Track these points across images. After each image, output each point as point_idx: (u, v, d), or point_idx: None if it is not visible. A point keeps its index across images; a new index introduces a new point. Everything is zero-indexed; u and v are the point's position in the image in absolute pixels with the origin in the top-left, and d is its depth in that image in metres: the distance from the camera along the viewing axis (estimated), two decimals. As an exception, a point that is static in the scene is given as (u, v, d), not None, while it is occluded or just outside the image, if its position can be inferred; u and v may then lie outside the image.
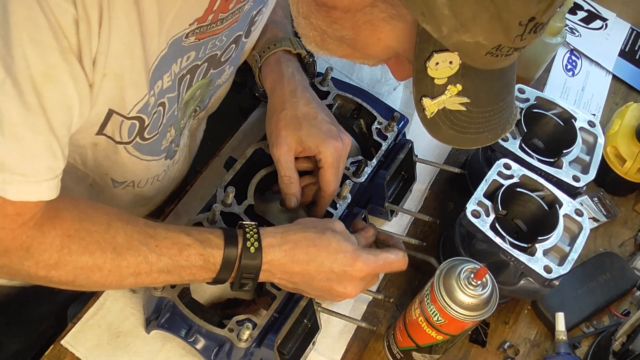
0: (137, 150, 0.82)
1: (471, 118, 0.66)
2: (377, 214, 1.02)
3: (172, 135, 0.88)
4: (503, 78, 0.66)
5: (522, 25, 0.57)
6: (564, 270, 0.89)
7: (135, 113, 0.75)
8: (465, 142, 0.69)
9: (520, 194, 0.96)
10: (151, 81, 0.73)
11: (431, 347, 0.88)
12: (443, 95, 0.64)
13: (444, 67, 0.62)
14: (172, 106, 0.82)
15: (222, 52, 0.84)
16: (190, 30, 0.73)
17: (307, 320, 0.88)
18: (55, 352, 0.85)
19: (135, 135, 0.79)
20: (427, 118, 0.66)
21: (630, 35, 1.47)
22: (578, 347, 1.02)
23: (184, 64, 0.78)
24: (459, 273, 0.80)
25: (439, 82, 0.63)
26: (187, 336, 0.83)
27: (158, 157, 0.89)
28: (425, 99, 0.64)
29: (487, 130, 0.68)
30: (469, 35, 0.58)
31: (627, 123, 1.18)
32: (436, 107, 0.65)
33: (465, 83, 0.63)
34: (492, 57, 0.60)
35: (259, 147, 0.95)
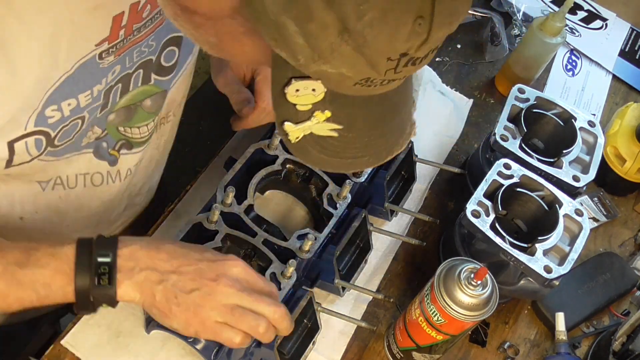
0: (50, 156, 0.77)
1: (346, 144, 0.59)
2: (377, 214, 1.02)
3: (97, 134, 0.82)
4: (385, 102, 0.58)
5: (392, 60, 0.51)
6: (564, 270, 0.89)
7: (32, 127, 0.70)
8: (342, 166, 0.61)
9: (520, 194, 0.96)
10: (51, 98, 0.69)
11: (431, 347, 0.88)
12: (309, 121, 0.56)
13: (307, 94, 0.55)
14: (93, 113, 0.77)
15: (157, 56, 0.80)
16: (102, 51, 0.70)
17: (307, 320, 0.88)
18: (55, 352, 0.85)
19: (45, 147, 0.74)
20: (290, 142, 0.58)
21: (630, 35, 1.47)
22: (578, 347, 1.02)
23: (110, 78, 0.75)
24: (459, 273, 0.80)
25: (303, 108, 0.56)
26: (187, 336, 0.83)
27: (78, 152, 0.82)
28: (288, 123, 0.57)
29: (367, 155, 0.61)
30: (329, 66, 0.51)
31: (627, 123, 1.18)
32: (301, 132, 0.57)
33: (335, 109, 0.56)
34: (364, 87, 0.53)
35: (259, 147, 0.95)
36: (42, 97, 0.68)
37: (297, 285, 0.88)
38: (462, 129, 1.22)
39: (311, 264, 0.90)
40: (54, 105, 0.70)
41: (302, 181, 0.98)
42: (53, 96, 0.69)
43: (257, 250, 0.88)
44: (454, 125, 1.22)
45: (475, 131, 1.23)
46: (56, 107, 0.70)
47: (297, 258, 0.87)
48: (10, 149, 0.70)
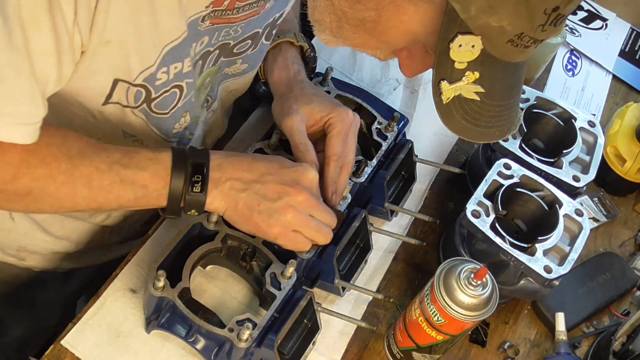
0: (144, 115, 0.82)
1: (483, 109, 0.67)
2: (377, 214, 1.02)
3: (187, 122, 0.88)
4: (516, 73, 0.67)
5: (546, 14, 0.58)
6: (564, 270, 0.89)
7: (140, 81, 0.75)
8: (475, 135, 0.69)
9: (520, 194, 0.96)
10: (166, 57, 0.73)
11: (431, 347, 0.88)
12: (461, 81, 0.64)
13: (466, 51, 0.62)
14: (189, 91, 0.82)
15: (236, 43, 0.83)
16: (205, 14, 0.73)
17: (307, 320, 0.88)
18: (55, 352, 0.85)
19: (142, 102, 0.79)
20: (442, 103, 0.66)
21: (630, 35, 1.47)
22: (578, 347, 1.02)
23: (198, 48, 0.78)
24: (459, 273, 0.80)
25: (459, 66, 0.63)
26: (187, 336, 0.83)
27: (167, 138, 0.88)
28: (444, 82, 0.65)
29: (495, 126, 0.69)
30: (495, 19, 0.58)
31: (627, 123, 1.18)
32: (452, 93, 0.65)
33: (483, 71, 0.64)
34: (512, 45, 0.61)
35: (259, 147, 0.95)
36: (158, 54, 0.72)
37: (297, 285, 0.88)
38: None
39: (311, 264, 0.90)
40: (165, 67, 0.74)
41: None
42: (167, 57, 0.73)
43: (257, 250, 0.88)
44: (454, 125, 1.22)
45: (475, 131, 1.22)
46: (166, 69, 0.75)
47: (297, 258, 0.87)
48: (113, 85, 0.74)
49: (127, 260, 0.93)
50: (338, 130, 0.89)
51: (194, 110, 0.88)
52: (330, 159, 0.89)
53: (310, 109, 0.90)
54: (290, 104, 0.91)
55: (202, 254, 0.87)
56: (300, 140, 0.89)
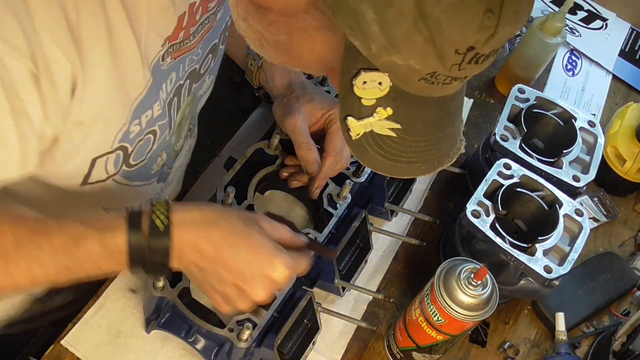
0: (125, 179, 0.81)
1: (403, 146, 0.61)
2: (377, 214, 1.02)
3: (164, 160, 0.88)
4: (443, 107, 0.61)
5: (459, 54, 0.53)
6: (564, 270, 0.89)
7: (117, 144, 0.73)
8: (395, 170, 0.63)
9: (520, 194, 0.96)
10: (136, 111, 0.72)
11: (431, 347, 0.88)
12: (371, 117, 0.59)
13: (373, 87, 0.57)
14: (163, 132, 0.81)
15: (201, 65, 0.84)
16: (164, 51, 0.72)
17: (307, 320, 0.88)
18: (55, 352, 0.85)
19: (121, 165, 0.78)
20: (351, 139, 0.61)
21: (630, 35, 1.47)
22: (578, 347, 1.02)
23: (169, 87, 0.77)
24: (459, 273, 0.80)
25: (367, 102, 0.58)
26: (187, 336, 0.83)
27: (149, 182, 0.88)
28: (351, 118, 0.60)
29: (421, 161, 0.63)
30: (400, 57, 0.53)
31: (627, 123, 1.18)
32: (362, 129, 0.60)
33: (396, 107, 0.59)
34: (427, 83, 0.56)
35: (259, 147, 0.95)
36: (129, 111, 0.71)
37: (297, 285, 0.88)
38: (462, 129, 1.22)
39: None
40: (136, 119, 0.73)
41: (302, 181, 0.98)
42: (138, 109, 0.72)
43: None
44: (454, 125, 1.22)
45: (475, 131, 1.23)
46: (138, 120, 0.73)
47: None
48: (91, 165, 0.72)
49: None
50: (338, 127, 0.88)
51: (170, 147, 0.87)
52: (328, 154, 0.89)
53: (312, 107, 0.91)
54: (291, 104, 0.91)
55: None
56: (303, 139, 0.88)
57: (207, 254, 0.70)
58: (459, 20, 0.51)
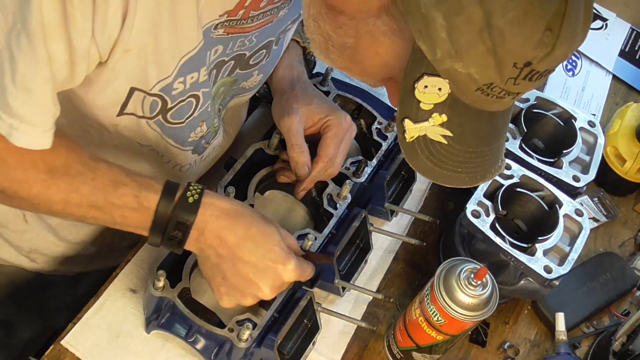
0: (159, 127, 0.81)
1: (451, 154, 0.64)
2: (377, 214, 1.02)
3: (203, 132, 0.88)
4: (492, 122, 0.64)
5: (516, 68, 0.56)
6: (564, 270, 0.89)
7: (157, 91, 0.74)
8: (440, 177, 0.66)
9: (520, 194, 0.96)
10: (183, 68, 0.73)
11: (431, 347, 0.88)
12: (426, 122, 0.62)
13: (432, 92, 0.60)
14: (206, 101, 0.82)
15: (251, 55, 0.83)
16: (219, 22, 0.72)
17: (307, 320, 0.88)
18: (55, 352, 0.85)
19: (158, 112, 0.78)
20: (405, 141, 0.64)
21: (630, 35, 1.47)
22: (578, 347, 1.02)
23: (212, 57, 0.77)
24: (459, 273, 0.80)
25: (425, 107, 0.62)
26: (187, 336, 0.83)
27: (183, 147, 0.88)
28: (408, 120, 0.63)
29: (465, 172, 0.66)
30: (461, 65, 0.57)
31: (627, 123, 1.18)
32: (417, 132, 0.63)
33: (451, 115, 0.62)
34: (483, 94, 0.59)
35: (259, 147, 0.95)
36: (176, 65, 0.72)
37: (297, 285, 0.88)
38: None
39: (311, 264, 0.90)
40: (182, 77, 0.74)
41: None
42: (184, 68, 0.73)
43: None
44: (454, 125, 1.22)
45: (475, 131, 1.22)
46: (182, 79, 0.74)
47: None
48: (129, 93, 0.73)
49: (127, 260, 0.93)
50: (334, 133, 0.90)
51: (210, 119, 0.87)
52: (320, 159, 0.91)
53: (310, 109, 0.91)
54: (290, 103, 0.91)
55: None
56: (296, 141, 0.89)
57: (228, 242, 0.75)
58: (520, 34, 0.54)
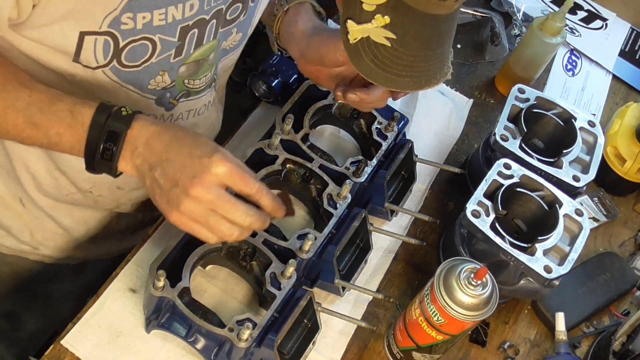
0: (115, 75, 0.80)
1: (395, 57, 0.66)
2: (377, 214, 1.02)
3: (166, 83, 0.85)
4: (436, 26, 0.66)
5: None
6: (564, 270, 0.89)
7: (105, 27, 0.73)
8: (384, 80, 0.68)
9: (520, 194, 0.96)
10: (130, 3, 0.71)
11: (431, 347, 0.88)
12: (369, 23, 0.64)
13: None
14: (166, 50, 0.79)
15: (227, 8, 0.82)
16: None
17: (307, 320, 0.88)
18: (55, 352, 0.85)
19: (112, 56, 0.76)
20: (349, 43, 0.66)
21: (630, 35, 1.47)
22: (578, 347, 1.02)
23: (187, 13, 0.76)
24: (459, 273, 0.80)
25: (368, 7, 0.63)
26: (187, 336, 0.83)
27: (142, 93, 0.85)
28: (351, 21, 0.65)
29: (409, 76, 0.68)
30: None
31: (627, 123, 1.18)
32: (360, 34, 0.65)
33: (394, 17, 0.64)
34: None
35: (259, 147, 0.95)
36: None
37: (297, 285, 0.88)
38: (462, 129, 1.22)
39: (311, 264, 0.90)
40: (130, 13, 0.72)
41: (302, 181, 0.98)
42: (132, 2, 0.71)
43: (257, 250, 0.88)
44: (454, 125, 1.22)
45: (475, 131, 1.23)
46: (132, 15, 0.73)
47: (297, 258, 0.87)
48: (79, 41, 0.73)
49: (127, 260, 0.93)
50: None
51: (174, 72, 0.85)
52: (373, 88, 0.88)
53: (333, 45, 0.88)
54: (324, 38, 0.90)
55: (202, 253, 0.87)
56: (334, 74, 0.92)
57: (156, 148, 0.73)
58: None
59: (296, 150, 0.97)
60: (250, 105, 1.14)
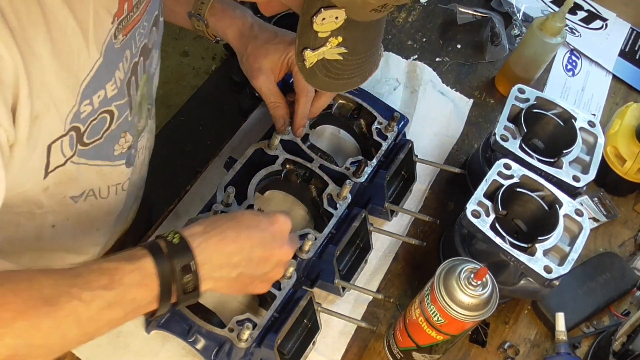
0: (81, 158, 0.78)
1: (346, 66, 0.71)
2: (377, 214, 1.02)
3: (130, 141, 0.85)
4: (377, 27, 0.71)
5: None
6: (564, 270, 0.89)
7: (69, 126, 0.72)
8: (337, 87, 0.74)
9: (520, 194, 0.96)
10: (85, 91, 0.71)
11: (431, 347, 0.88)
12: (324, 47, 0.68)
13: (330, 22, 0.66)
14: (123, 113, 0.80)
15: (149, 39, 0.83)
16: (114, 29, 0.72)
17: (307, 320, 0.88)
18: (55, 352, 0.85)
19: (75, 145, 0.75)
20: (305, 68, 0.70)
21: (630, 35, 1.47)
22: (578, 347, 1.02)
23: (126, 66, 0.77)
24: (459, 273, 0.80)
25: (322, 35, 0.67)
26: (187, 336, 0.83)
27: (112, 163, 0.85)
28: (307, 51, 0.69)
29: (357, 75, 0.74)
30: None
31: (627, 123, 1.18)
32: (316, 58, 0.69)
33: (346, 35, 0.68)
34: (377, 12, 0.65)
35: (259, 147, 0.96)
36: (77, 93, 0.70)
37: (297, 285, 0.88)
38: (462, 129, 1.22)
39: (311, 264, 0.90)
40: (87, 99, 0.72)
41: (302, 181, 0.98)
42: (86, 90, 0.71)
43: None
44: (454, 125, 1.22)
45: (475, 131, 1.23)
46: (88, 101, 0.73)
47: (297, 258, 0.87)
48: (48, 152, 0.71)
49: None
50: None
51: (134, 127, 0.85)
52: (300, 95, 0.95)
53: (270, 60, 0.94)
54: (250, 64, 0.95)
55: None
56: (269, 99, 0.95)
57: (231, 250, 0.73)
58: None
59: (296, 150, 0.97)
60: (250, 105, 1.14)
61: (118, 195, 0.91)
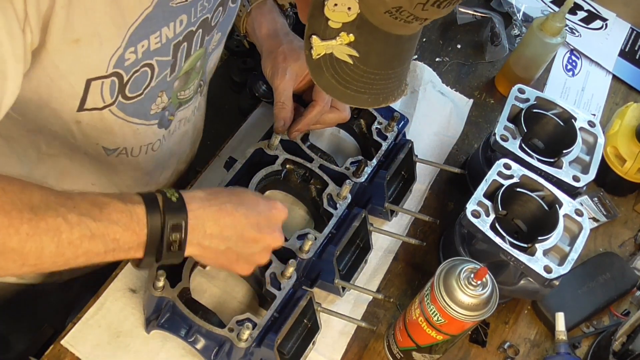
0: (121, 111, 0.79)
1: (355, 74, 0.67)
2: (377, 214, 1.02)
3: (164, 102, 0.86)
4: (399, 46, 0.67)
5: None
6: (564, 270, 0.89)
7: (112, 69, 0.72)
8: (343, 96, 0.69)
9: (520, 194, 0.96)
10: (132, 37, 0.71)
11: (431, 347, 0.88)
12: (334, 40, 0.65)
13: (342, 11, 0.63)
14: (163, 71, 0.80)
15: (212, 15, 0.83)
16: None
17: (307, 320, 0.88)
18: (55, 352, 0.85)
19: (117, 94, 0.76)
20: (311, 58, 0.67)
21: (630, 35, 1.47)
22: (578, 347, 1.02)
23: (178, 29, 0.77)
24: (459, 273, 0.80)
25: (333, 25, 0.64)
26: (187, 336, 0.83)
27: (147, 122, 0.86)
28: (315, 37, 0.66)
29: (368, 93, 0.69)
30: None
31: (627, 123, 1.18)
32: (324, 50, 0.66)
33: (358, 35, 0.64)
34: (391, 17, 0.62)
35: (259, 147, 0.95)
36: (124, 35, 0.70)
37: (297, 285, 0.88)
38: (462, 129, 1.22)
39: (311, 264, 0.90)
40: (132, 47, 0.72)
41: (302, 181, 0.98)
42: (133, 36, 0.71)
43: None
44: (454, 125, 1.22)
45: (475, 131, 1.23)
46: (133, 49, 0.73)
47: (297, 258, 0.87)
48: (86, 87, 0.72)
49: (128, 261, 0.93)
50: None
51: (170, 90, 0.85)
52: (317, 103, 0.94)
53: (299, 65, 0.94)
54: (279, 62, 0.94)
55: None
56: (280, 98, 0.94)
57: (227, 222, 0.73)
58: None
59: (296, 150, 0.97)
60: (250, 105, 1.14)
61: (148, 155, 0.92)
